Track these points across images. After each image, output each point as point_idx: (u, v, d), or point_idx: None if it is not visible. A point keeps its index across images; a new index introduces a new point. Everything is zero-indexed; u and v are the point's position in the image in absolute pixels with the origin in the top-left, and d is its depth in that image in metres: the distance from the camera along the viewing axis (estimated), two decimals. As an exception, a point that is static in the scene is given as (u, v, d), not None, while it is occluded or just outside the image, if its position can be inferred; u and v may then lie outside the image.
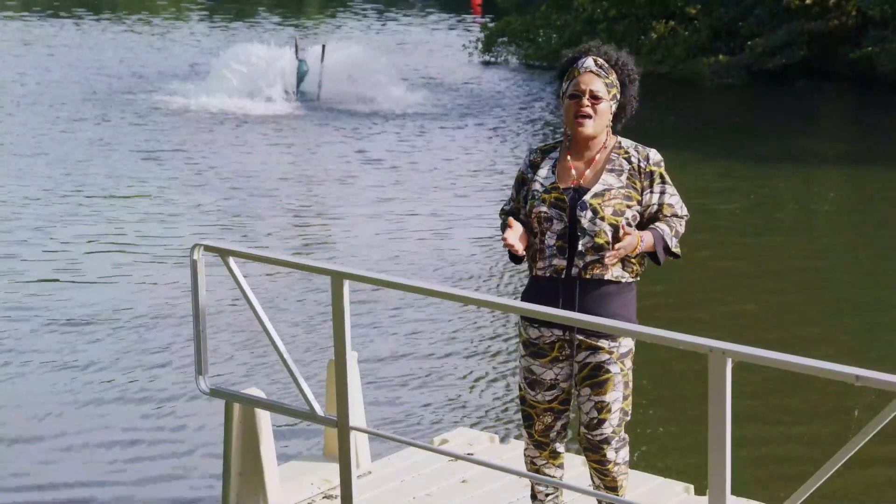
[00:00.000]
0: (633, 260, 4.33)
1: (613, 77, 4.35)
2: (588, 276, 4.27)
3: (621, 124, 4.47)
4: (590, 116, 4.30)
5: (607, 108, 4.34)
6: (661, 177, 4.35)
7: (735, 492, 3.55)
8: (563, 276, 4.28)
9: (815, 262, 12.26)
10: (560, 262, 4.27)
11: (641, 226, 4.36)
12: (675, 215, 4.37)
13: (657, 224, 4.33)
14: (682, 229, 4.39)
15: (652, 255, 4.35)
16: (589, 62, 4.35)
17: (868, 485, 7.09)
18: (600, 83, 4.32)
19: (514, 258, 4.41)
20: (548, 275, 4.29)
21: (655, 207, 4.35)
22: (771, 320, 10.20)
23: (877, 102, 22.11)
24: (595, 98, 4.30)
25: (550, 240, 4.28)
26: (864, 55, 22.64)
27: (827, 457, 3.13)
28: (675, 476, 5.62)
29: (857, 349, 9.42)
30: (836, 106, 23.05)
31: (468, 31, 32.99)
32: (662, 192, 4.35)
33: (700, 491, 5.27)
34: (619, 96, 4.38)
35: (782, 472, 7.20)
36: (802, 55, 23.46)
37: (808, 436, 7.82)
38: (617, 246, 4.21)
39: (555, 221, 4.28)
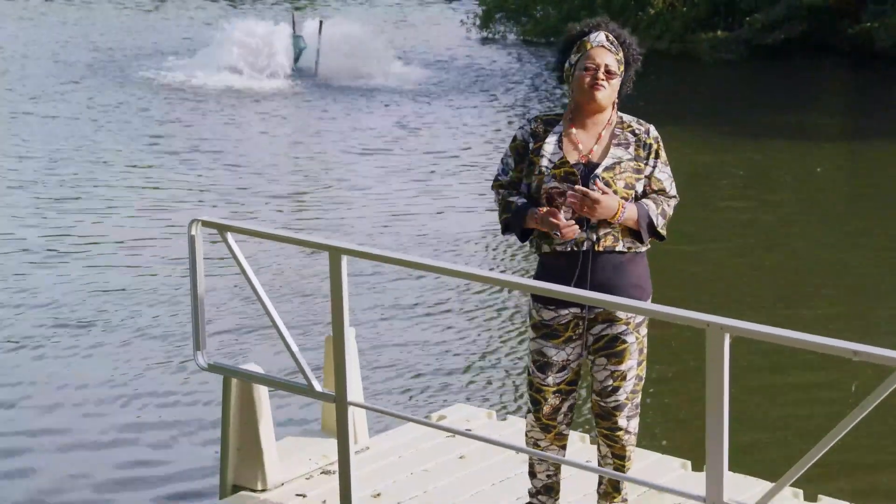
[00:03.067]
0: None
1: (622, 55, 4.36)
2: (600, 249, 4.26)
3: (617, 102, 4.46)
4: (604, 87, 4.30)
5: (617, 84, 4.35)
6: (657, 152, 4.35)
7: (733, 467, 3.56)
8: (584, 249, 4.26)
9: (811, 235, 12.27)
10: (580, 235, 4.26)
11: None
12: (663, 191, 4.34)
13: (644, 200, 4.30)
14: (669, 210, 4.35)
15: (636, 233, 4.29)
16: (601, 37, 4.34)
17: (865, 461, 7.11)
18: (612, 58, 4.32)
19: (521, 234, 4.37)
20: (569, 249, 4.26)
21: (646, 180, 4.33)
22: (768, 294, 10.20)
23: (875, 77, 22.07)
24: (609, 73, 4.30)
25: (567, 214, 4.25)
26: (864, 30, 22.59)
27: (825, 432, 3.13)
28: (672, 452, 5.63)
29: (855, 323, 9.43)
30: (835, 81, 23.01)
31: (465, 6, 32.87)
32: (654, 167, 4.34)
33: (698, 466, 5.28)
34: (623, 72, 4.38)
35: (780, 447, 7.22)
36: (801, 30, 23.41)
37: (806, 411, 7.84)
38: (595, 195, 4.15)
39: (567, 196, 4.26)
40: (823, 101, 21.32)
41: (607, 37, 4.35)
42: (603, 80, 4.29)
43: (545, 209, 4.25)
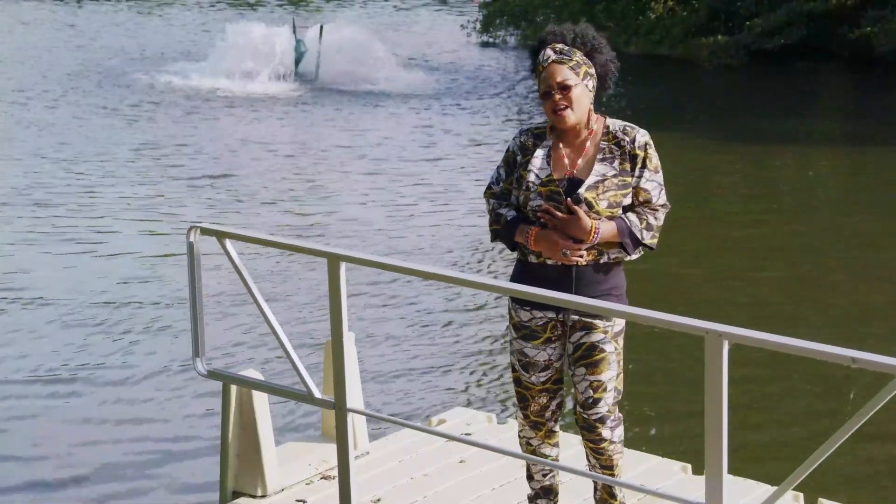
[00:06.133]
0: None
1: (578, 55, 4.23)
2: (584, 264, 4.24)
3: (611, 89, 4.36)
4: (566, 108, 4.21)
5: (582, 90, 4.22)
6: (643, 161, 4.25)
7: (732, 471, 3.55)
8: (575, 265, 4.23)
9: (810, 241, 12.26)
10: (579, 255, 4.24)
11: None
12: (648, 202, 4.26)
13: (627, 214, 4.25)
14: (656, 221, 4.28)
15: (622, 245, 4.26)
16: (548, 53, 4.23)
17: (863, 466, 7.10)
18: (565, 70, 4.20)
19: (511, 245, 4.37)
20: (559, 263, 4.25)
21: (633, 191, 4.26)
22: (766, 300, 10.20)
23: (875, 83, 22.08)
24: (565, 88, 4.19)
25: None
26: (863, 35, 22.60)
27: (824, 438, 3.13)
28: (672, 455, 5.63)
29: (853, 329, 9.43)
30: (835, 86, 23.03)
31: (464, 12, 32.89)
32: (640, 177, 4.25)
33: (698, 470, 5.28)
34: (591, 70, 4.26)
35: (780, 452, 7.22)
36: (801, 35, 23.43)
37: (805, 416, 7.84)
38: (563, 216, 4.16)
39: (538, 213, 4.24)
40: (823, 106, 21.33)
41: (554, 49, 4.23)
42: (561, 100, 4.19)
43: (535, 230, 4.22)
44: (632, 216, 4.25)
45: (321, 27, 22.55)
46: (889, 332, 9.44)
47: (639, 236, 4.24)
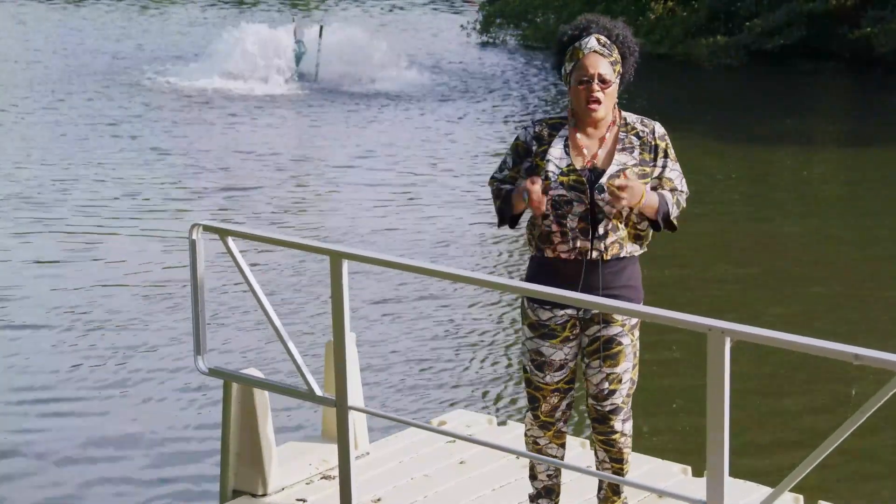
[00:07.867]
0: (642, 231, 4.32)
1: (616, 53, 4.29)
2: (609, 258, 4.26)
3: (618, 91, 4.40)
4: (600, 101, 4.25)
5: (615, 88, 4.29)
6: (665, 151, 4.32)
7: (733, 473, 3.55)
8: (587, 258, 4.25)
9: (809, 240, 12.27)
10: (584, 244, 4.24)
11: None
12: (675, 189, 4.34)
13: (660, 191, 4.30)
14: (683, 203, 4.37)
15: (638, 237, 4.31)
16: (592, 42, 4.26)
17: (864, 466, 7.11)
18: (606, 64, 4.24)
19: (510, 220, 4.35)
20: (572, 257, 4.26)
21: (657, 181, 4.31)
22: (765, 300, 10.20)
23: (875, 83, 22.08)
24: (604, 82, 4.23)
25: (573, 222, 4.23)
26: (863, 35, 22.60)
27: (825, 436, 3.13)
28: (672, 457, 5.63)
29: (854, 327, 9.43)
30: (834, 87, 23.03)
31: (464, 12, 32.89)
32: (664, 167, 4.32)
33: (698, 472, 5.27)
34: (621, 71, 4.32)
35: (780, 452, 7.22)
36: (801, 36, 23.41)
37: (806, 415, 7.83)
38: (621, 183, 4.10)
39: (575, 204, 4.23)
40: (823, 106, 21.32)
41: (598, 40, 4.26)
42: (598, 92, 4.23)
43: (528, 181, 4.20)
44: (665, 192, 4.30)
45: (321, 27, 22.53)
46: (891, 330, 9.45)
47: (670, 210, 4.28)
